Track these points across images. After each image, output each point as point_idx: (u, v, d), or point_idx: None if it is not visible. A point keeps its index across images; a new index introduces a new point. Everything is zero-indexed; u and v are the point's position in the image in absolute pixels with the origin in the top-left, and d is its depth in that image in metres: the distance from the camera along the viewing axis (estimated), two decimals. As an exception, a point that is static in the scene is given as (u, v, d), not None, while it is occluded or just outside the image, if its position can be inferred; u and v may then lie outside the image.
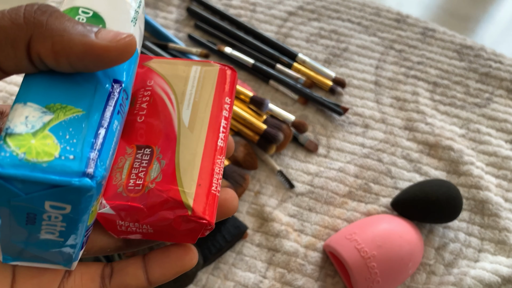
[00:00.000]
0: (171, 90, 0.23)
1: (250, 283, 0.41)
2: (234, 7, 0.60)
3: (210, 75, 0.24)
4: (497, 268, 0.41)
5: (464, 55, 0.57)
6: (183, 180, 0.21)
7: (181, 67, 0.24)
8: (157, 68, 0.24)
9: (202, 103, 0.23)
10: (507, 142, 0.51)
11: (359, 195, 0.46)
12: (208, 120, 0.23)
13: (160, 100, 0.23)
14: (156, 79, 0.24)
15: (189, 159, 0.21)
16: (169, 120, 0.23)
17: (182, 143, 0.22)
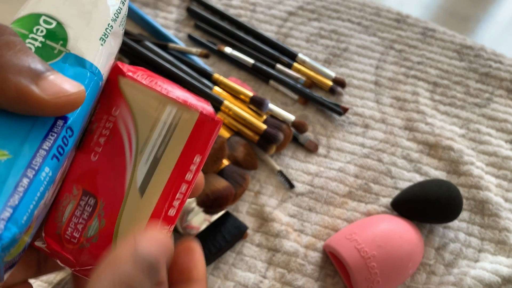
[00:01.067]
0: (134, 133, 0.19)
1: (250, 283, 0.41)
2: (234, 7, 0.60)
3: (184, 126, 0.19)
4: (497, 268, 0.41)
5: (464, 55, 0.57)
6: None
7: (155, 103, 0.19)
8: (128, 94, 0.19)
9: (163, 162, 0.19)
10: (507, 142, 0.51)
11: (359, 195, 0.46)
12: (164, 186, 0.19)
13: (120, 142, 0.19)
14: (122, 110, 0.19)
15: (130, 228, 0.19)
16: (122, 172, 0.19)
17: (128, 207, 0.19)
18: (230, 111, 0.46)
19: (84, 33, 0.19)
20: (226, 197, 0.41)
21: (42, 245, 0.20)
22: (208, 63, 0.54)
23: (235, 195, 0.42)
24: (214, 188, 0.40)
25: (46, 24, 0.19)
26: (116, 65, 0.20)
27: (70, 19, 0.19)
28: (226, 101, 0.47)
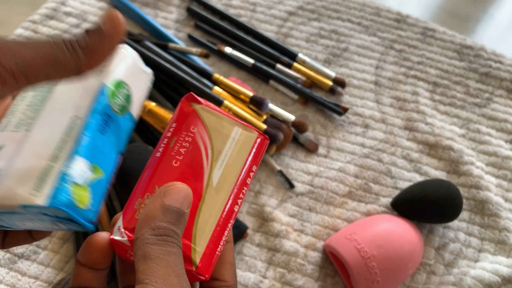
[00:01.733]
0: (210, 145, 0.25)
1: (250, 283, 0.41)
2: (234, 7, 0.60)
3: (247, 141, 0.25)
4: (497, 268, 0.41)
5: (464, 55, 0.57)
6: (197, 238, 0.23)
7: (225, 124, 0.25)
8: (204, 117, 0.25)
9: (233, 167, 0.25)
10: (507, 142, 0.51)
11: (359, 195, 0.46)
12: (233, 186, 0.24)
13: (198, 152, 0.24)
14: (200, 128, 0.25)
15: (207, 219, 0.24)
16: (200, 175, 0.24)
17: (206, 202, 0.24)
18: (230, 111, 0.46)
19: (135, 98, 0.27)
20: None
21: (121, 238, 0.23)
22: (208, 63, 0.54)
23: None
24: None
25: (124, 89, 0.27)
26: (191, 95, 0.25)
27: (134, 89, 0.27)
28: (226, 101, 0.47)
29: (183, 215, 0.22)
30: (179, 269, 0.21)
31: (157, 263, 0.21)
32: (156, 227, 0.21)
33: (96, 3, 0.59)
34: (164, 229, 0.21)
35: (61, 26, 0.56)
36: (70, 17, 0.57)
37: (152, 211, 0.22)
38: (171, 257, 0.21)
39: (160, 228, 0.21)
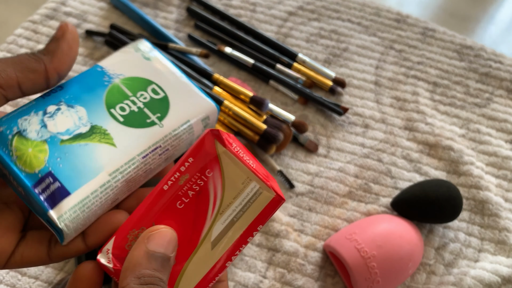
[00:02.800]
0: (221, 196, 0.23)
1: (250, 283, 0.41)
2: (234, 7, 0.60)
3: (261, 201, 0.23)
4: (497, 268, 0.41)
5: (464, 55, 0.57)
6: (180, 286, 0.23)
7: (244, 176, 0.23)
8: (224, 163, 0.23)
9: (237, 225, 0.23)
10: (507, 142, 0.51)
11: (359, 195, 0.46)
12: (232, 244, 0.23)
13: (206, 199, 0.23)
14: (215, 174, 0.23)
15: (195, 271, 0.23)
16: (201, 225, 0.23)
17: (198, 254, 0.23)
18: (230, 111, 0.46)
19: (178, 112, 0.25)
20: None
21: (107, 264, 0.23)
22: (208, 63, 0.54)
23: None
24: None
25: (153, 93, 0.25)
26: (218, 131, 0.23)
27: (175, 97, 0.25)
28: (226, 101, 0.47)
29: (168, 260, 0.22)
30: None
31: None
32: (141, 275, 0.21)
33: (96, 3, 0.59)
34: (150, 277, 0.21)
35: (61, 26, 0.56)
36: (70, 17, 0.57)
37: (136, 258, 0.21)
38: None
39: (145, 276, 0.21)
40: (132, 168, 0.24)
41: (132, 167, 0.24)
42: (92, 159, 0.23)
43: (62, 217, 0.22)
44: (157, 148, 0.25)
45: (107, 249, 0.23)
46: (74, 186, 0.22)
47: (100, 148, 0.23)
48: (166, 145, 0.25)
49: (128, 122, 0.24)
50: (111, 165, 0.23)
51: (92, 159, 0.23)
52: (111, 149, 0.24)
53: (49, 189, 0.22)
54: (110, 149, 0.24)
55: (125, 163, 0.24)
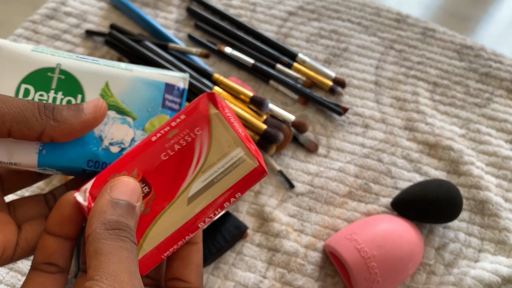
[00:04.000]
0: (205, 155, 0.23)
1: (250, 283, 0.41)
2: (234, 7, 0.60)
3: (243, 168, 0.23)
4: (497, 268, 0.41)
5: (464, 55, 0.57)
6: (149, 236, 0.23)
7: (231, 140, 0.23)
8: (214, 124, 0.24)
9: (216, 187, 0.23)
10: (507, 142, 0.51)
11: (359, 195, 0.46)
12: (208, 204, 0.23)
13: (190, 155, 0.23)
14: (204, 133, 0.24)
15: (167, 224, 0.23)
16: (181, 179, 0.23)
17: (173, 208, 0.23)
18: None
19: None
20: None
21: (82, 201, 0.23)
22: (208, 63, 0.54)
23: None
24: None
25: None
26: (213, 94, 0.24)
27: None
28: (226, 101, 0.47)
29: (133, 209, 0.22)
30: (132, 266, 0.20)
31: (109, 258, 0.20)
32: (106, 221, 0.21)
33: (96, 3, 0.59)
34: (116, 223, 0.21)
35: (61, 26, 0.56)
36: (70, 17, 0.57)
37: (100, 206, 0.22)
38: (123, 253, 0.21)
39: (111, 221, 0.21)
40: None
41: None
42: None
43: None
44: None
45: (85, 188, 0.24)
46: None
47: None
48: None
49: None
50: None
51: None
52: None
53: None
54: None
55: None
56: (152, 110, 0.28)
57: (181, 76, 0.29)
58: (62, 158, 0.25)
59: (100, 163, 0.26)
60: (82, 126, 0.24)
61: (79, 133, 0.24)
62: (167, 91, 0.28)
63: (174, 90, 0.29)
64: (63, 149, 0.25)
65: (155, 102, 0.28)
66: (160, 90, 0.28)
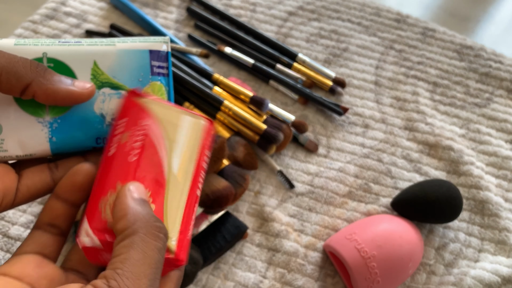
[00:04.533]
0: (163, 135, 0.25)
1: (250, 283, 0.41)
2: (234, 7, 0.60)
3: (197, 128, 0.26)
4: (497, 268, 0.41)
5: (464, 55, 0.57)
6: (169, 227, 0.23)
7: (173, 114, 0.26)
8: (153, 109, 0.25)
9: (189, 153, 0.25)
10: (507, 142, 0.51)
11: (359, 195, 0.46)
12: (193, 171, 0.25)
13: (153, 144, 0.25)
14: (150, 120, 0.25)
15: (175, 207, 0.24)
16: (160, 166, 0.24)
17: (171, 190, 0.24)
18: (230, 111, 0.46)
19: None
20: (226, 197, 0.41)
21: (93, 244, 0.23)
22: (208, 63, 0.54)
23: (235, 195, 0.42)
24: (214, 188, 0.40)
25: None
26: (134, 92, 0.26)
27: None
28: (226, 101, 0.47)
29: (149, 204, 0.23)
30: (157, 273, 0.21)
31: (141, 257, 0.20)
32: (151, 219, 0.22)
33: (96, 3, 0.59)
34: (156, 222, 0.22)
35: (61, 26, 0.56)
36: (70, 17, 0.57)
37: (124, 207, 0.22)
38: (156, 255, 0.21)
39: (154, 220, 0.22)
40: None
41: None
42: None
43: None
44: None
45: (85, 230, 0.23)
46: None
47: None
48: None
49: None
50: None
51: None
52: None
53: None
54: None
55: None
56: (143, 79, 0.28)
57: (162, 39, 0.30)
58: (72, 141, 0.27)
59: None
60: (66, 94, 0.25)
61: (60, 100, 0.25)
62: (152, 58, 0.29)
63: (159, 55, 0.29)
64: (71, 133, 0.27)
65: (144, 71, 0.28)
66: (146, 58, 0.29)
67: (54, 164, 0.28)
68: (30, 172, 0.27)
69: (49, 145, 0.26)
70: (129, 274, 0.19)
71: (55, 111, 0.27)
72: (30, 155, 0.27)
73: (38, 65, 0.25)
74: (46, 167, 0.27)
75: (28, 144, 0.26)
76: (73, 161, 0.28)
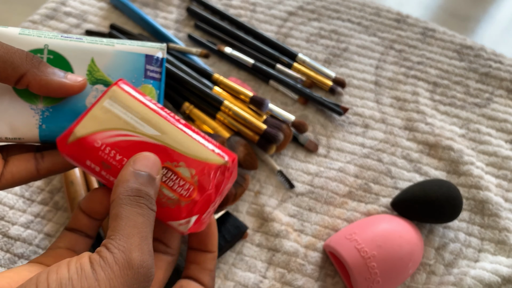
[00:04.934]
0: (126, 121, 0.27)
1: (250, 283, 0.41)
2: (234, 7, 0.60)
3: (115, 92, 0.28)
4: (497, 268, 0.41)
5: (464, 55, 0.57)
6: (203, 152, 0.27)
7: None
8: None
9: (141, 113, 0.27)
10: (507, 142, 0.51)
11: (359, 195, 0.46)
12: (160, 117, 0.27)
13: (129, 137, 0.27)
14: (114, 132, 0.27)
15: (189, 141, 0.27)
16: (145, 142, 0.27)
17: (170, 140, 0.26)
18: (230, 111, 0.46)
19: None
20: (226, 197, 0.41)
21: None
22: (208, 63, 0.54)
23: (235, 195, 0.42)
24: (214, 188, 0.40)
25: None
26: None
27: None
28: (226, 101, 0.47)
29: (154, 180, 0.25)
30: (144, 232, 0.23)
31: (126, 222, 0.23)
32: (128, 188, 0.24)
33: (96, 3, 0.59)
34: (136, 190, 0.24)
35: (61, 26, 0.56)
36: (70, 17, 0.57)
37: (124, 176, 0.25)
38: (139, 218, 0.23)
39: (133, 189, 0.24)
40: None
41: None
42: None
43: None
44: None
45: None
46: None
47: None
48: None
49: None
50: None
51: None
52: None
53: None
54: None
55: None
56: (136, 80, 0.30)
57: (159, 46, 0.31)
58: (61, 130, 0.28)
59: None
60: (58, 86, 0.27)
61: (53, 91, 0.27)
62: (147, 62, 0.30)
63: (154, 60, 0.31)
64: (60, 123, 0.28)
65: (138, 73, 0.30)
66: (141, 62, 0.30)
67: (40, 154, 0.29)
68: (16, 159, 0.28)
69: (38, 132, 0.28)
70: (120, 237, 0.22)
71: (48, 101, 0.28)
72: (18, 138, 0.28)
73: (33, 57, 0.26)
74: (32, 156, 0.29)
75: (18, 128, 0.27)
76: (58, 154, 0.29)
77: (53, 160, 0.29)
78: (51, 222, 0.42)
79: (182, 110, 0.48)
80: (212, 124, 0.46)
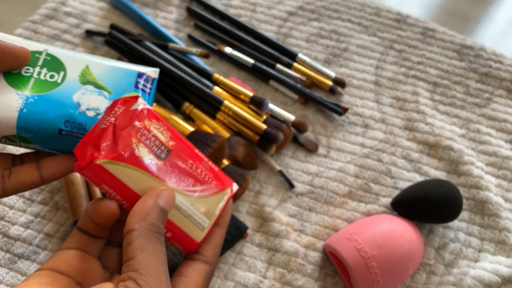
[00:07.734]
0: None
1: (250, 283, 0.41)
2: (234, 7, 0.60)
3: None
4: (497, 268, 0.41)
5: (464, 55, 0.57)
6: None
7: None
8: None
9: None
10: (507, 142, 0.51)
11: (359, 195, 0.46)
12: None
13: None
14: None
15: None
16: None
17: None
18: (230, 111, 0.46)
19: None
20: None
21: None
22: (208, 63, 0.54)
23: (235, 195, 0.42)
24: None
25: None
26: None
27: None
28: (226, 101, 0.47)
29: (167, 215, 0.26)
30: (166, 269, 0.25)
31: (152, 258, 0.24)
32: (152, 224, 0.25)
33: (96, 3, 0.59)
34: (157, 227, 0.25)
35: (61, 26, 0.56)
36: (70, 17, 0.57)
37: (148, 209, 0.25)
38: (162, 256, 0.24)
39: (155, 225, 0.25)
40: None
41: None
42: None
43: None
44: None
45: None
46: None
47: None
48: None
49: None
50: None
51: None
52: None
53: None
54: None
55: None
56: (126, 88, 0.31)
57: (152, 69, 0.33)
58: (41, 117, 0.28)
59: (77, 123, 0.29)
60: (10, 50, 0.28)
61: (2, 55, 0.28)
62: (139, 77, 0.32)
63: (145, 77, 0.32)
64: (42, 110, 0.28)
65: (129, 83, 0.31)
66: (133, 77, 0.31)
67: (7, 173, 0.29)
68: (19, 168, 0.29)
69: (17, 115, 0.28)
70: (151, 273, 0.23)
71: (37, 90, 0.29)
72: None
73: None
74: (34, 166, 0.29)
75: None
76: (58, 160, 0.29)
77: (53, 167, 0.29)
78: (51, 222, 0.42)
79: (182, 110, 0.48)
80: (212, 124, 0.46)
